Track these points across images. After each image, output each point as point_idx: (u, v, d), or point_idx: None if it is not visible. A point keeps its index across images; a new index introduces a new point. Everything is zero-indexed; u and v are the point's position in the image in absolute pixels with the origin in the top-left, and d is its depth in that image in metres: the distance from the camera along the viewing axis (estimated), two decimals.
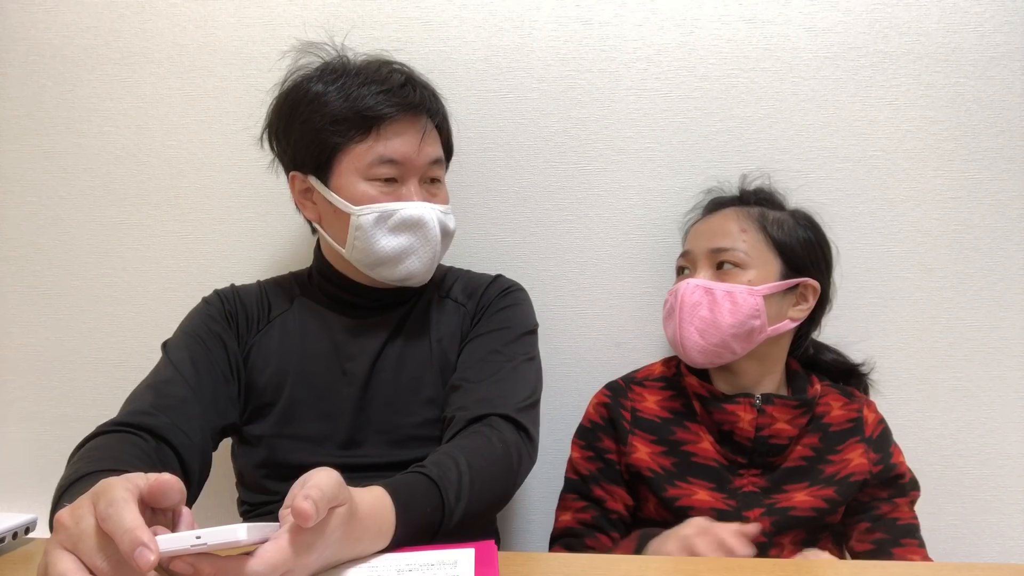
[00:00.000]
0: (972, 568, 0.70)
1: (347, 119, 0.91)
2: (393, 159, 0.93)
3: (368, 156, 0.92)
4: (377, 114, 0.91)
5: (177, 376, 0.89)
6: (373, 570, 0.61)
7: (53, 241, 1.25)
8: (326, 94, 0.92)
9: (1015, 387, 1.22)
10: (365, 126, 0.92)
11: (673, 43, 1.21)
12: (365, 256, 0.94)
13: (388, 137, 0.92)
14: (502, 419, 0.87)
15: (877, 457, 1.00)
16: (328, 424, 0.95)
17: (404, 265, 0.95)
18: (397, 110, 0.92)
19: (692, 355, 0.99)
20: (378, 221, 0.92)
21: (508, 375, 0.93)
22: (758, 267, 0.98)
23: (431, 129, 0.96)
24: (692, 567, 0.70)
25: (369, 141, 0.92)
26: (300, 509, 0.53)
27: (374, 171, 0.92)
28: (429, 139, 0.95)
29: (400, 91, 0.93)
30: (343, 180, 0.93)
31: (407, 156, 0.93)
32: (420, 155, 0.94)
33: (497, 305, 1.02)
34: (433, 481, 0.72)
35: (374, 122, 0.92)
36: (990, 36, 1.19)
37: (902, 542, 0.97)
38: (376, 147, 0.92)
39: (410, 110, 0.94)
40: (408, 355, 0.99)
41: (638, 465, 1.00)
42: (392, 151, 0.92)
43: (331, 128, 0.91)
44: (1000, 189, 1.21)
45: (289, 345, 0.99)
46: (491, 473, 0.80)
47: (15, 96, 1.23)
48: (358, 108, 0.91)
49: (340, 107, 0.91)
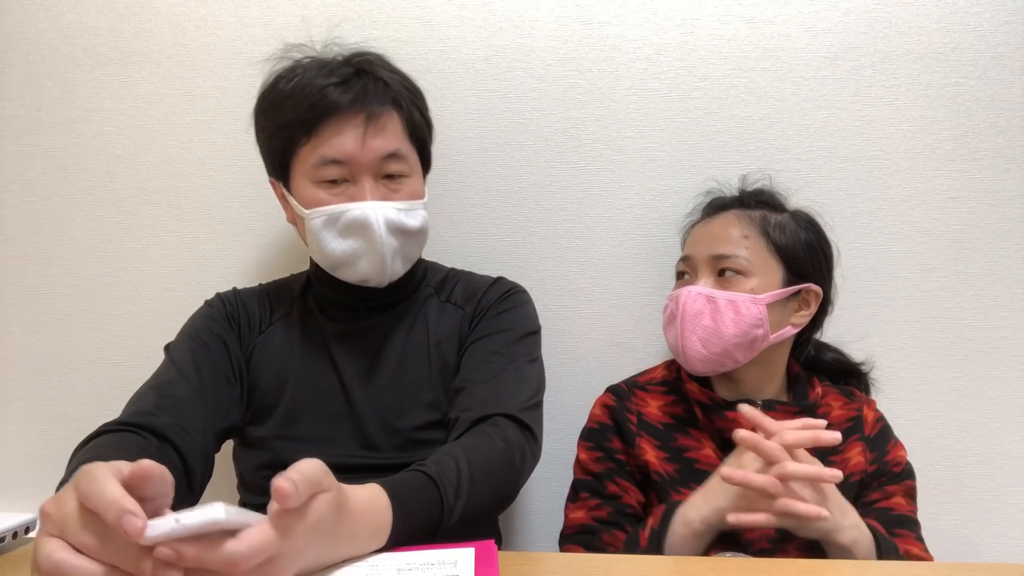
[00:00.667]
0: (972, 568, 0.70)
1: (290, 122, 0.90)
2: (336, 159, 0.89)
3: (312, 158, 0.90)
4: (315, 114, 0.89)
5: (180, 377, 0.89)
6: (373, 569, 0.61)
7: (53, 241, 1.25)
8: (278, 99, 0.92)
9: (1015, 387, 1.22)
10: (306, 128, 0.89)
11: (673, 43, 1.21)
12: (322, 259, 0.94)
13: (328, 136, 0.89)
14: (505, 419, 0.86)
15: (873, 456, 0.99)
16: (330, 426, 0.95)
17: (356, 268, 0.93)
18: (335, 107, 0.89)
19: (694, 364, 0.99)
20: (326, 224, 0.91)
21: (511, 376, 0.93)
22: (760, 274, 0.97)
23: (383, 121, 0.91)
24: (692, 567, 0.70)
25: (312, 143, 0.90)
26: (278, 486, 0.52)
27: (320, 173, 0.90)
28: (375, 133, 0.90)
29: (342, 85, 0.90)
30: (297, 183, 0.93)
31: (350, 154, 0.89)
32: (365, 151, 0.90)
33: (497, 308, 1.01)
34: (431, 478, 0.72)
35: (313, 123, 0.89)
36: (990, 36, 1.19)
37: (895, 531, 0.94)
38: (318, 148, 0.90)
39: (351, 106, 0.89)
40: (407, 359, 0.98)
41: (648, 467, 1.00)
42: (333, 151, 0.89)
43: (280, 134, 0.92)
44: (1000, 189, 1.21)
45: (290, 347, 0.99)
46: (492, 470, 0.79)
47: (15, 96, 1.23)
48: (300, 109, 0.89)
49: (288, 112, 0.90)
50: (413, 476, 0.72)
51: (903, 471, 1.00)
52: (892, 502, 0.97)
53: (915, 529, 0.96)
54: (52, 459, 1.24)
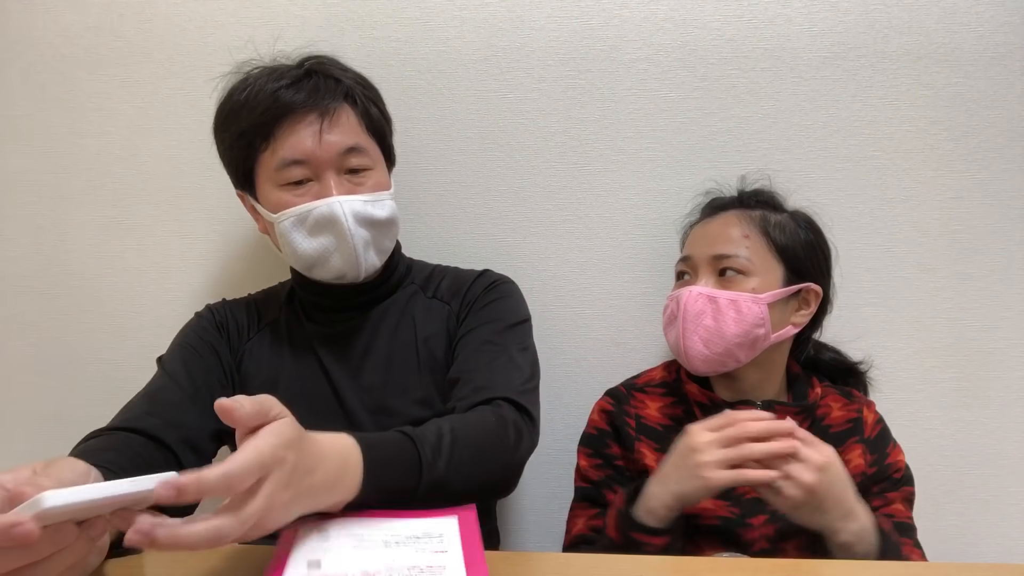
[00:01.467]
0: (972, 568, 0.70)
1: (246, 130, 0.90)
2: (295, 159, 0.90)
3: (273, 162, 0.90)
4: (269, 117, 0.89)
5: (171, 383, 0.90)
6: (360, 541, 0.61)
7: (53, 241, 1.25)
8: (233, 112, 0.92)
9: (1015, 387, 1.22)
10: (263, 134, 0.90)
11: (673, 43, 1.21)
12: (296, 260, 0.95)
13: (284, 138, 0.90)
14: (502, 400, 0.86)
15: (873, 458, 0.99)
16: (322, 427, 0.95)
17: (329, 265, 0.93)
18: (287, 108, 0.89)
19: (696, 364, 0.99)
20: (295, 225, 0.91)
21: (504, 363, 0.92)
22: (761, 274, 0.97)
23: (338, 117, 0.91)
24: (692, 567, 0.70)
25: (271, 148, 0.90)
26: (220, 403, 0.52)
27: (282, 175, 0.91)
28: (331, 129, 0.90)
29: (293, 86, 0.90)
30: (263, 190, 0.93)
31: (309, 152, 0.90)
32: (324, 148, 0.90)
33: (484, 300, 1.01)
34: (406, 435, 0.71)
35: (268, 127, 0.89)
36: (990, 36, 1.19)
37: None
38: (277, 152, 0.90)
39: (303, 104, 0.89)
40: (395, 357, 0.98)
41: (647, 472, 0.99)
42: (291, 151, 0.89)
43: (238, 143, 0.92)
44: (1000, 189, 1.21)
45: (278, 352, 0.99)
46: (478, 441, 0.77)
47: (15, 96, 1.23)
48: (254, 115, 0.90)
49: (243, 122, 0.91)
50: (388, 433, 0.71)
51: (903, 477, 1.00)
52: (892, 508, 0.97)
53: (913, 535, 0.97)
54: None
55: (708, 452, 0.79)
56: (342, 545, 0.60)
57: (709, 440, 0.80)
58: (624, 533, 0.84)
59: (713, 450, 0.79)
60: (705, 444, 0.80)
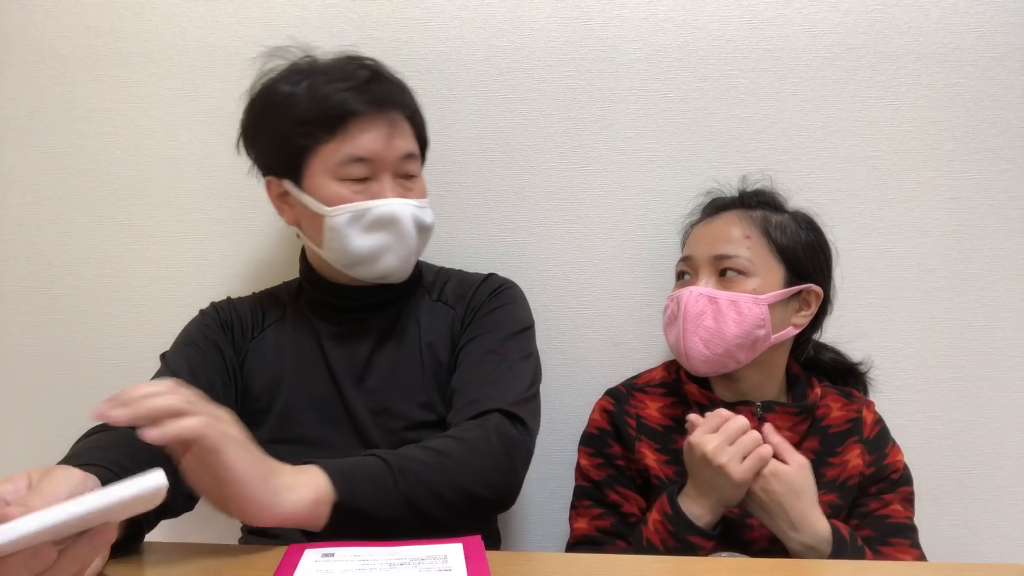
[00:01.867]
0: (972, 568, 0.70)
1: (313, 120, 0.90)
2: (363, 157, 0.91)
3: (337, 156, 0.91)
4: (343, 112, 0.90)
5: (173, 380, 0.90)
6: (365, 563, 0.62)
7: (53, 241, 1.25)
8: (292, 95, 0.92)
9: (1015, 387, 1.22)
10: (331, 125, 0.90)
11: (673, 43, 1.21)
12: (341, 256, 0.94)
13: (355, 135, 0.91)
14: (495, 412, 0.87)
15: (871, 458, 0.99)
16: (326, 428, 0.95)
17: (380, 263, 0.94)
18: (363, 107, 0.91)
19: (696, 365, 0.99)
20: (351, 221, 0.92)
21: (503, 374, 0.93)
22: (762, 274, 0.97)
23: (400, 123, 0.95)
24: (692, 567, 0.70)
25: (337, 140, 0.91)
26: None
27: (344, 170, 0.91)
28: (399, 133, 0.94)
29: (366, 87, 0.92)
30: (315, 181, 0.93)
31: (377, 153, 0.92)
32: (390, 150, 0.93)
33: (488, 307, 1.01)
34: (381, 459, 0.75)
35: (340, 120, 0.90)
36: (990, 36, 1.19)
37: (890, 540, 0.95)
38: (344, 146, 0.91)
39: (376, 106, 0.92)
40: (400, 360, 0.99)
41: (648, 472, 1.00)
42: (361, 149, 0.91)
43: (298, 130, 0.91)
44: (1000, 189, 1.21)
45: (282, 352, 0.99)
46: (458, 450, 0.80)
47: (15, 96, 1.23)
48: (323, 108, 0.90)
49: (306, 108, 0.90)
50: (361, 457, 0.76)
51: (901, 477, 1.00)
52: (889, 510, 0.97)
53: (911, 536, 0.97)
54: (52, 459, 1.22)
55: (723, 453, 0.83)
56: (347, 568, 0.61)
57: (719, 443, 0.84)
58: (681, 538, 0.86)
59: (726, 448, 0.83)
60: (716, 448, 0.83)
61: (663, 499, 0.89)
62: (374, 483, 0.72)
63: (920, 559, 0.96)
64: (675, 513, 0.86)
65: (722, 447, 0.83)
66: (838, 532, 0.86)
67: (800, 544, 0.85)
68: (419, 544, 0.66)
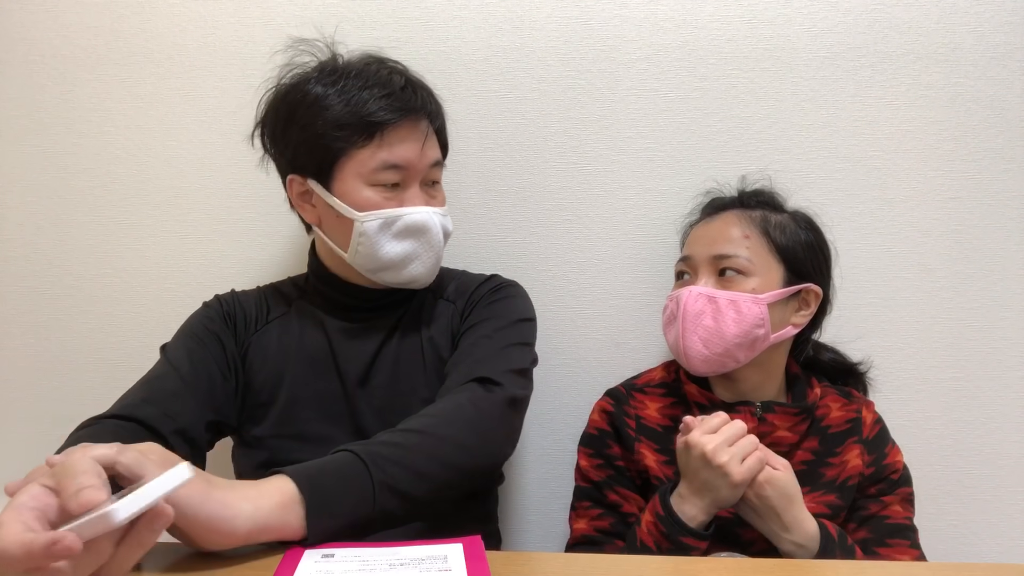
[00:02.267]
0: (972, 568, 0.70)
1: (350, 124, 0.90)
2: (397, 164, 0.92)
3: (372, 162, 0.91)
4: (381, 120, 0.90)
5: (171, 372, 0.90)
6: (365, 564, 0.62)
7: (53, 241, 1.25)
8: (326, 97, 0.91)
9: (1015, 387, 1.22)
10: (369, 131, 0.90)
11: (673, 43, 1.21)
12: (369, 261, 0.94)
13: (392, 143, 0.92)
14: (475, 382, 0.87)
15: (871, 459, 0.99)
16: (329, 425, 0.95)
17: (408, 270, 0.95)
18: (400, 115, 0.91)
19: (695, 364, 0.98)
20: (382, 227, 0.92)
21: (493, 355, 0.93)
22: (761, 274, 0.97)
23: (430, 132, 0.96)
24: (692, 567, 0.70)
25: (372, 146, 0.91)
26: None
27: (378, 176, 0.92)
28: (430, 142, 0.96)
29: (401, 95, 0.93)
30: (346, 185, 0.92)
31: (410, 161, 0.93)
32: (423, 159, 0.94)
33: (487, 300, 1.02)
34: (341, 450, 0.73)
35: (378, 127, 0.90)
36: (990, 36, 1.19)
37: (888, 542, 0.95)
38: (380, 153, 0.91)
39: (412, 114, 0.93)
40: (403, 357, 0.99)
41: (648, 472, 0.99)
42: (397, 156, 0.92)
43: (334, 134, 0.90)
44: (1000, 189, 1.21)
45: (286, 346, 0.99)
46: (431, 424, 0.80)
47: (15, 96, 1.23)
48: (361, 113, 0.90)
49: (342, 112, 0.90)
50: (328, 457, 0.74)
51: (900, 478, 1.00)
52: (888, 511, 0.97)
53: (911, 536, 0.97)
54: None
55: (723, 452, 0.83)
56: (347, 568, 0.61)
57: (719, 443, 0.83)
58: (673, 539, 0.85)
59: (726, 448, 0.83)
60: (716, 448, 0.83)
61: (655, 500, 0.89)
62: (342, 476, 0.69)
63: (919, 559, 0.96)
64: (667, 514, 0.86)
65: (722, 447, 0.83)
66: (825, 529, 0.86)
67: (792, 544, 0.85)
68: (419, 544, 0.66)
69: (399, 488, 0.72)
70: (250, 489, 0.64)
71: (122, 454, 0.55)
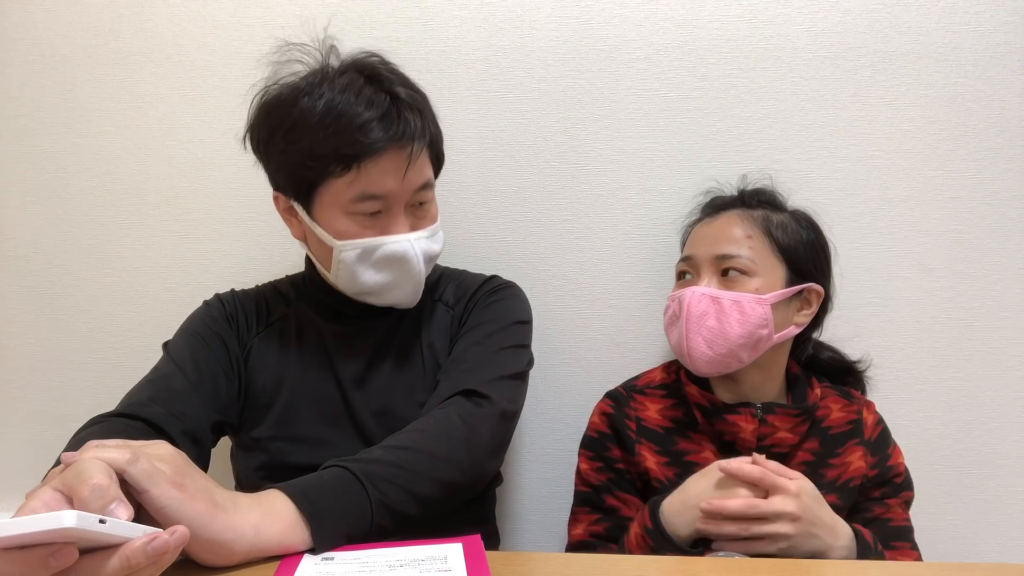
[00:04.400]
0: (972, 568, 0.70)
1: (326, 155, 0.85)
2: (376, 195, 0.87)
3: (349, 192, 0.87)
4: (358, 151, 0.84)
5: (176, 371, 0.90)
6: (364, 565, 0.62)
7: (53, 241, 1.25)
8: (304, 122, 0.85)
9: (1015, 387, 1.22)
10: (345, 163, 0.85)
11: (673, 43, 1.21)
12: (350, 285, 0.94)
13: (371, 173, 0.86)
14: (461, 395, 0.86)
15: (874, 460, 0.99)
16: (327, 428, 0.95)
17: (389, 295, 0.94)
18: (380, 143, 0.85)
19: (699, 365, 0.98)
20: (360, 257, 0.90)
21: (483, 362, 0.92)
22: (764, 274, 0.97)
23: (417, 154, 0.89)
24: (692, 567, 0.70)
25: (349, 177, 0.86)
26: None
27: (356, 207, 0.88)
28: (415, 167, 0.89)
29: (383, 120, 0.86)
30: (324, 213, 0.89)
31: (391, 191, 0.88)
32: (405, 186, 0.89)
33: (484, 303, 1.01)
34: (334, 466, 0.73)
35: (354, 160, 0.85)
36: (990, 36, 1.19)
37: (892, 544, 0.95)
38: (357, 183, 0.86)
39: (394, 142, 0.86)
40: (401, 361, 0.99)
41: (648, 475, 0.99)
42: (376, 187, 0.87)
43: (309, 163, 0.86)
44: (1000, 189, 1.21)
45: (286, 348, 0.99)
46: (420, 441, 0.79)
47: (15, 96, 1.23)
48: (337, 143, 0.84)
49: (318, 140, 0.85)
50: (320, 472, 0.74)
51: (903, 482, 1.00)
52: (891, 513, 0.98)
53: (911, 537, 0.98)
54: (52, 459, 1.24)
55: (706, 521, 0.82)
56: (347, 570, 0.61)
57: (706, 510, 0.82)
58: (661, 554, 0.84)
59: (708, 522, 0.82)
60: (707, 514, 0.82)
61: (644, 513, 0.88)
62: (340, 496, 0.70)
63: (918, 559, 0.96)
64: (655, 528, 0.85)
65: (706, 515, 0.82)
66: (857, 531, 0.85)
67: (844, 549, 0.82)
68: (419, 544, 0.66)
69: (394, 507, 0.73)
70: (253, 512, 0.64)
71: (132, 465, 0.55)
